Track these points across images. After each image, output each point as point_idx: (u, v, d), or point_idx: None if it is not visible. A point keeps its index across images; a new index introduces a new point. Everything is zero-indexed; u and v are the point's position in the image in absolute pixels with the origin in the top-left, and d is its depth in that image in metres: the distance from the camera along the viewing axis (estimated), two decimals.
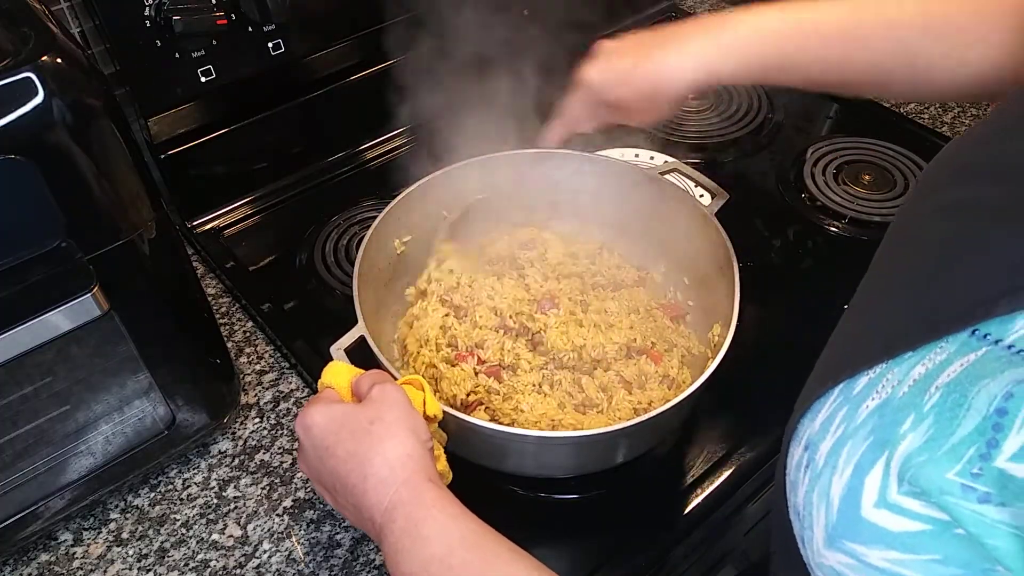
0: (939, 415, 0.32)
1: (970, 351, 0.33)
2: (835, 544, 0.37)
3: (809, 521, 0.39)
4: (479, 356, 0.76)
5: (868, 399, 0.37)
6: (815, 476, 0.38)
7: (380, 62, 1.04)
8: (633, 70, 0.66)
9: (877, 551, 0.34)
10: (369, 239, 0.75)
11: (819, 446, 0.39)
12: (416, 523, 0.50)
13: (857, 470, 0.35)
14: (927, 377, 0.34)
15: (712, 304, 0.77)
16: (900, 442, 0.33)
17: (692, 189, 0.94)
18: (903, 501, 0.33)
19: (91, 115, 0.50)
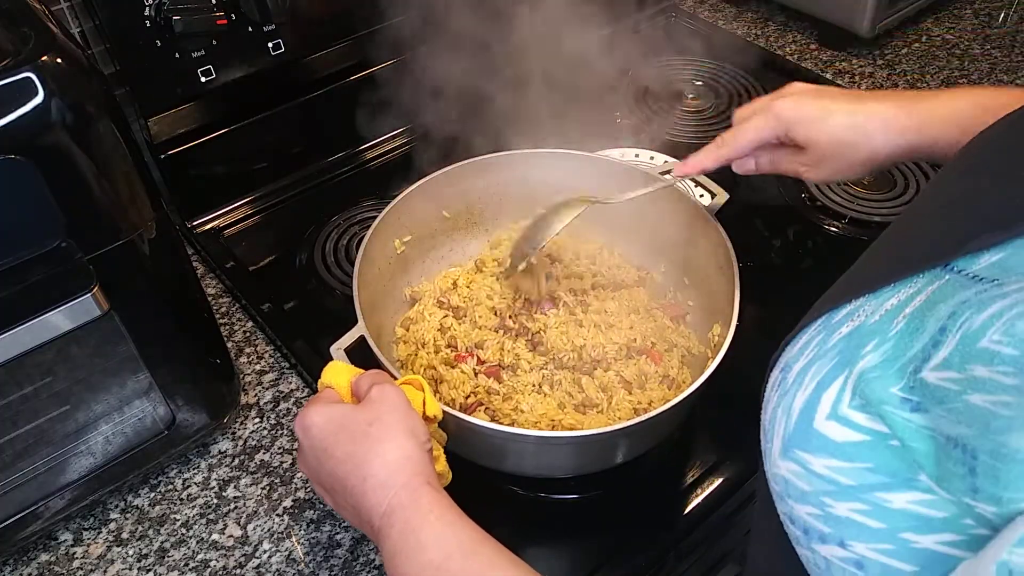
0: (899, 338, 0.35)
1: (936, 281, 0.36)
2: (787, 453, 0.39)
3: (771, 435, 0.42)
4: (478, 356, 0.76)
5: (843, 326, 0.40)
6: (783, 393, 0.41)
7: (380, 62, 1.04)
8: (836, 113, 0.63)
9: (821, 459, 0.37)
10: (369, 239, 0.75)
11: (792, 367, 0.42)
12: (414, 528, 0.50)
13: (818, 386, 0.38)
14: (898, 307, 0.37)
15: (712, 304, 0.77)
16: (860, 360, 0.36)
17: (692, 189, 0.94)
18: (851, 414, 0.36)
19: (91, 115, 0.50)
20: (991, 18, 1.33)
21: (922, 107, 0.63)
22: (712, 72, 1.20)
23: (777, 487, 0.41)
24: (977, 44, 1.28)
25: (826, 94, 0.66)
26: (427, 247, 0.87)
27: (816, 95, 0.66)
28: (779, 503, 0.41)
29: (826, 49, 1.27)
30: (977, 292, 0.33)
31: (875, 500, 0.34)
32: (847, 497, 0.35)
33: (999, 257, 0.35)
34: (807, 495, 0.38)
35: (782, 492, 0.40)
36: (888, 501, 0.34)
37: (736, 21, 1.34)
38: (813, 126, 0.64)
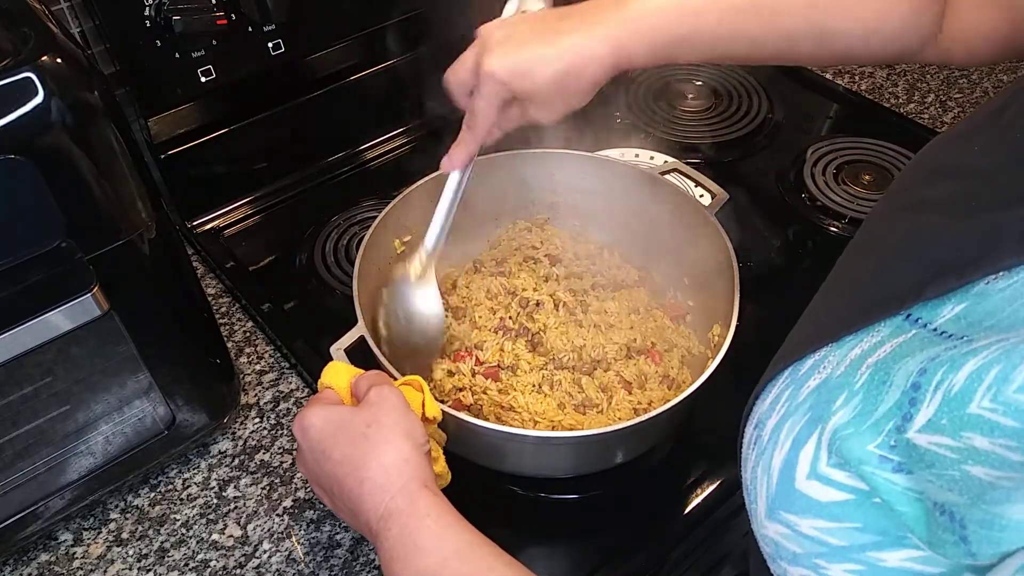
0: (867, 392, 0.34)
1: (901, 333, 0.35)
2: (773, 515, 0.38)
3: (754, 495, 0.41)
4: (477, 357, 0.76)
5: (810, 379, 0.39)
6: (760, 452, 0.40)
7: (380, 62, 1.04)
8: (541, 58, 0.57)
9: (807, 520, 0.36)
10: (369, 239, 0.75)
11: (766, 423, 0.41)
12: (411, 532, 0.50)
13: (795, 444, 0.37)
14: (861, 357, 0.36)
15: (712, 304, 0.77)
16: (832, 416, 0.35)
17: (692, 189, 0.94)
18: (831, 472, 0.35)
19: (91, 115, 0.50)
20: None
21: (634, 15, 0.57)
22: (712, 72, 1.20)
23: (768, 549, 0.40)
24: None
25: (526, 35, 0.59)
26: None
27: (517, 41, 0.58)
28: (772, 565, 0.40)
29: None
30: (947, 348, 0.32)
31: (869, 560, 0.33)
32: (840, 558, 0.35)
33: (962, 308, 0.34)
34: (799, 557, 0.37)
35: (773, 554, 0.39)
36: (882, 560, 0.33)
37: None
38: (527, 79, 0.58)
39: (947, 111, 1.15)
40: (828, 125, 1.14)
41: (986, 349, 0.30)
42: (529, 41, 0.58)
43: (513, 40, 0.58)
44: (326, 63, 0.99)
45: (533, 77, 0.58)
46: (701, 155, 1.06)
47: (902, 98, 1.18)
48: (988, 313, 0.33)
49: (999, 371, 0.29)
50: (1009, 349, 0.29)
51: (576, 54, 0.57)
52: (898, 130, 1.09)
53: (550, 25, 0.59)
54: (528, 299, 0.81)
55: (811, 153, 1.05)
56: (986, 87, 1.19)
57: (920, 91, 1.19)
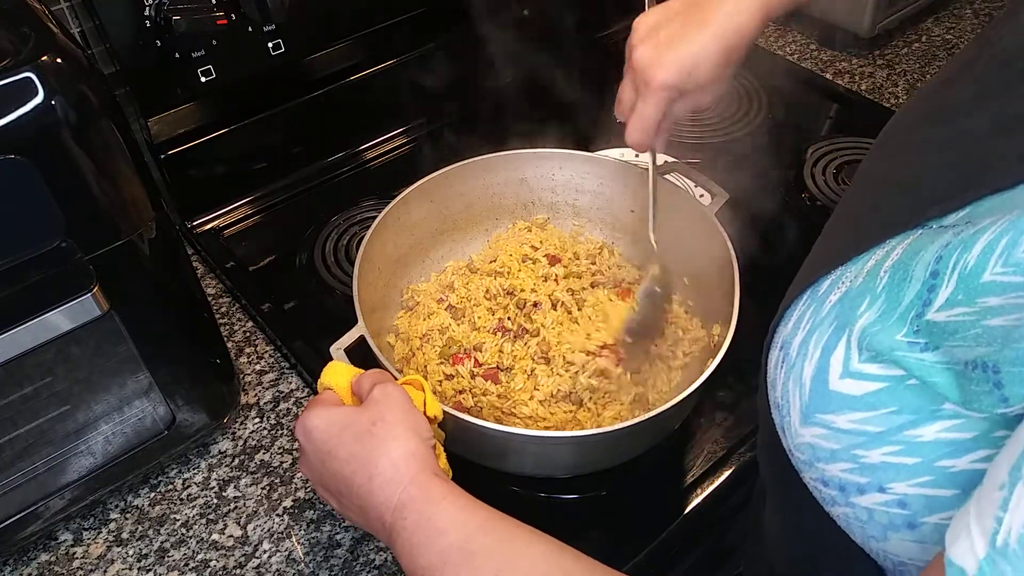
0: (889, 291, 0.37)
1: (909, 236, 0.39)
2: (809, 420, 0.41)
3: (787, 408, 0.43)
4: (476, 359, 0.76)
5: (831, 295, 0.42)
6: (789, 367, 0.43)
7: (380, 62, 1.04)
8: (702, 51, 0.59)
9: (844, 415, 0.39)
10: (369, 239, 0.75)
11: (792, 342, 0.43)
12: (429, 517, 0.50)
13: (824, 351, 0.40)
14: (877, 265, 0.39)
15: (712, 304, 0.77)
16: (858, 320, 0.38)
17: (692, 189, 0.94)
18: (863, 367, 0.38)
19: (91, 115, 0.50)
20: (991, 18, 1.33)
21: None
22: None
23: (802, 455, 0.42)
24: None
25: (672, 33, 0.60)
26: (427, 247, 0.87)
27: (670, 45, 0.60)
28: (807, 471, 0.42)
29: (826, 49, 1.27)
30: (955, 233, 0.35)
31: (906, 439, 0.36)
32: (878, 443, 0.37)
33: (965, 212, 0.37)
34: (837, 453, 0.39)
35: (808, 459, 0.42)
36: (919, 436, 0.35)
37: None
38: (695, 76, 0.60)
39: None
40: (828, 125, 1.14)
41: (993, 225, 0.33)
42: (680, 42, 0.60)
43: (665, 48, 0.60)
44: (326, 63, 1.00)
45: (699, 72, 0.60)
46: (701, 155, 1.06)
47: (902, 98, 1.18)
48: (988, 210, 0.36)
49: (1008, 239, 0.32)
50: (1015, 220, 0.32)
51: (729, 34, 0.59)
52: None
53: (689, 18, 0.60)
54: (527, 300, 0.81)
55: (811, 153, 1.05)
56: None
57: None
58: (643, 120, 0.64)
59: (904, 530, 0.37)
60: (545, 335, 0.77)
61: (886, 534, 0.38)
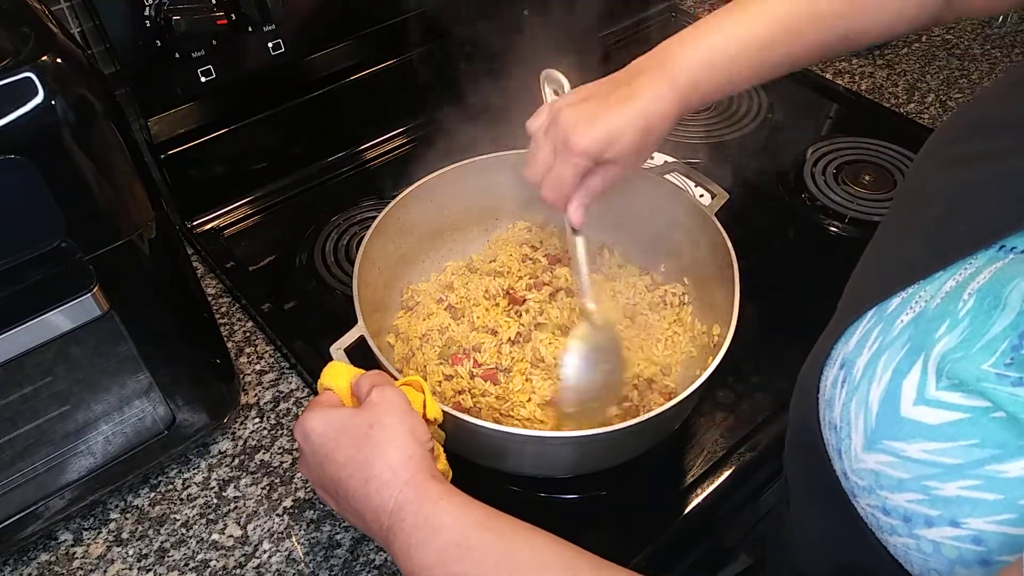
0: (974, 316, 0.36)
1: (997, 260, 0.37)
2: (874, 446, 0.39)
3: (847, 431, 0.41)
4: (475, 359, 0.76)
5: (902, 314, 0.40)
6: (852, 388, 0.41)
7: (380, 62, 1.04)
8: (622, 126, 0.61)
9: (917, 444, 0.37)
10: (369, 239, 0.75)
11: (855, 362, 0.42)
12: (427, 516, 0.50)
13: (895, 375, 0.38)
14: (959, 288, 0.38)
15: (712, 304, 0.77)
16: (936, 344, 0.37)
17: (692, 189, 0.94)
18: (942, 395, 0.36)
19: (91, 115, 0.50)
20: (991, 18, 1.33)
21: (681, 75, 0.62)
22: None
23: (862, 481, 0.41)
24: (977, 44, 1.28)
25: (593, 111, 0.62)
26: (427, 247, 0.87)
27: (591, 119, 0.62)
28: (864, 496, 0.41)
29: None
30: None
31: (987, 473, 0.34)
32: (955, 476, 0.35)
33: None
34: (905, 482, 0.38)
35: (869, 485, 0.40)
36: (1003, 472, 0.34)
37: None
38: (614, 147, 0.62)
39: (947, 111, 1.15)
40: (828, 125, 1.14)
41: None
42: (604, 114, 0.62)
43: (589, 118, 0.62)
44: (326, 63, 1.00)
45: (619, 145, 0.62)
46: (701, 155, 1.06)
47: (902, 98, 1.18)
48: None
49: None
50: None
51: (647, 116, 0.61)
52: (898, 130, 1.09)
53: (613, 97, 0.63)
54: (524, 297, 0.81)
55: (811, 153, 1.05)
56: (986, 87, 1.19)
57: (920, 91, 1.19)
58: (560, 180, 0.65)
59: (975, 567, 0.35)
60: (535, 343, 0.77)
61: (953, 569, 0.36)
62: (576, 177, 0.64)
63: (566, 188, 0.65)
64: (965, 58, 1.25)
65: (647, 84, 0.62)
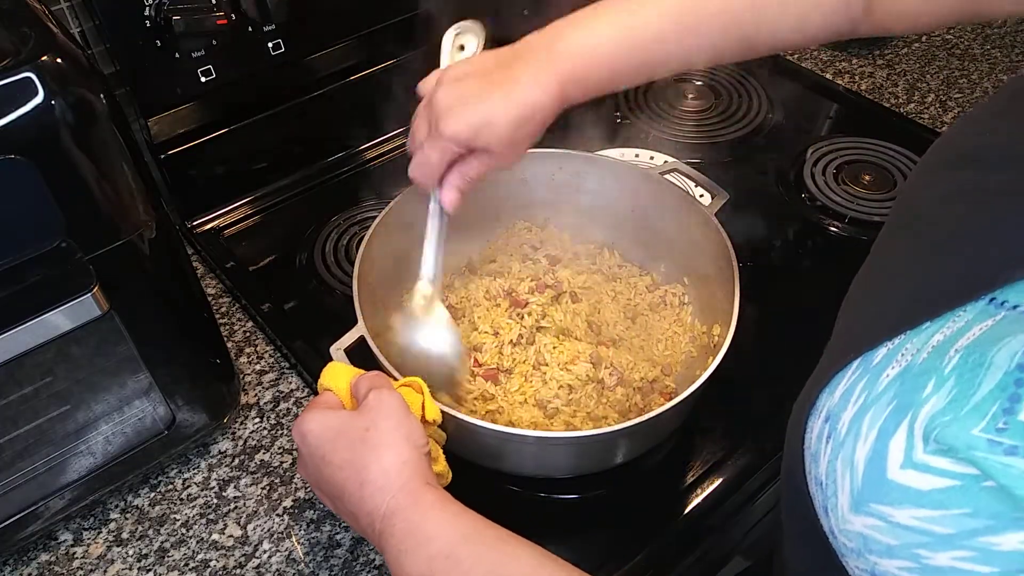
0: (960, 376, 0.33)
1: (988, 317, 0.35)
2: (861, 508, 0.37)
3: (833, 489, 0.40)
4: (476, 359, 0.76)
5: (888, 368, 0.38)
6: (837, 445, 0.39)
7: (380, 62, 1.04)
8: (492, 114, 0.59)
9: (905, 510, 0.35)
10: (369, 239, 0.75)
11: (840, 416, 0.40)
12: (417, 524, 0.50)
13: (881, 434, 0.36)
14: (946, 342, 0.35)
15: (712, 304, 0.77)
16: (923, 404, 0.35)
17: (692, 189, 0.94)
18: (931, 460, 0.34)
19: (91, 115, 0.50)
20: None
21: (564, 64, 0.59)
22: (712, 72, 1.19)
23: (850, 543, 0.39)
24: (977, 44, 1.28)
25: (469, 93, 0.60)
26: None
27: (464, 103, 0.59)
28: (855, 559, 0.39)
29: (826, 49, 1.27)
30: None
31: (980, 545, 0.32)
32: (946, 546, 0.34)
33: None
34: (895, 549, 0.36)
35: (859, 548, 0.38)
36: (996, 544, 0.32)
37: None
38: (483, 136, 0.59)
39: (947, 111, 1.15)
40: (828, 125, 1.14)
41: None
42: (477, 98, 0.59)
43: (462, 100, 0.60)
44: (326, 63, 0.99)
45: (488, 132, 0.59)
46: (701, 155, 1.06)
47: (902, 98, 1.18)
48: None
49: None
50: None
51: (523, 104, 0.59)
52: (898, 130, 1.09)
53: (492, 78, 0.60)
54: (527, 300, 0.81)
55: (811, 153, 1.05)
56: (986, 87, 1.19)
57: (920, 91, 1.19)
58: (427, 161, 0.62)
59: None
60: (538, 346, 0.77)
61: None
62: (443, 162, 0.62)
63: (432, 170, 0.63)
64: (965, 58, 1.25)
65: (527, 71, 0.59)
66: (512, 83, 0.59)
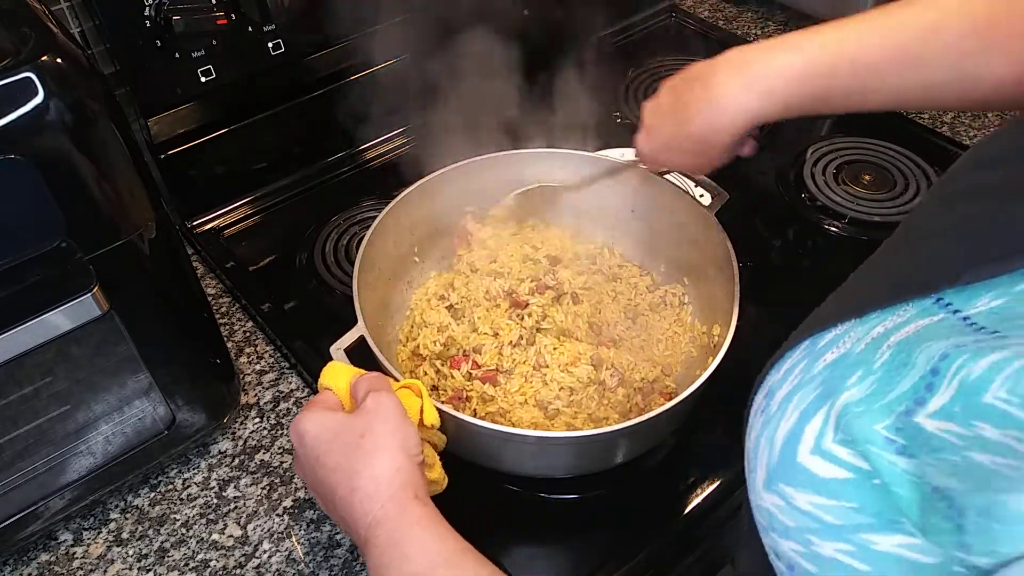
0: (886, 372, 0.34)
1: (928, 316, 0.35)
2: (771, 486, 0.38)
3: (755, 464, 0.40)
4: (475, 360, 0.76)
5: (827, 352, 0.39)
6: (766, 421, 0.40)
7: (380, 62, 1.04)
8: (677, 135, 0.64)
9: (805, 495, 0.36)
10: (369, 239, 0.75)
11: (775, 393, 0.41)
12: (399, 540, 0.50)
13: (802, 417, 0.37)
14: (884, 336, 0.36)
15: (712, 304, 0.77)
16: (844, 393, 0.35)
17: (692, 189, 0.94)
18: (835, 449, 0.35)
19: (91, 115, 0.50)
20: None
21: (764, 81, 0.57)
22: None
23: (762, 520, 0.40)
24: None
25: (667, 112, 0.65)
26: (427, 247, 0.87)
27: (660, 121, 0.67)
28: (764, 536, 0.40)
29: None
30: (976, 340, 0.32)
31: (861, 541, 0.33)
32: (832, 536, 0.34)
33: (999, 304, 0.33)
34: (791, 531, 0.37)
35: (767, 526, 0.39)
36: (874, 543, 0.32)
37: (736, 21, 1.35)
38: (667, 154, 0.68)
39: (947, 111, 1.15)
40: (828, 125, 1.14)
41: (1018, 346, 0.30)
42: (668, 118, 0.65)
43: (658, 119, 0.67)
44: (326, 63, 1.00)
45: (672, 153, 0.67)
46: None
47: None
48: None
49: (1021, 365, 0.29)
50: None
51: (710, 128, 0.61)
52: (898, 130, 1.09)
53: (689, 96, 0.62)
54: (527, 301, 0.81)
55: (811, 153, 1.05)
56: None
57: None
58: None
59: None
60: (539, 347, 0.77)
61: None
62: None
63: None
64: None
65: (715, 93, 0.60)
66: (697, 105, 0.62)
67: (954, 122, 1.13)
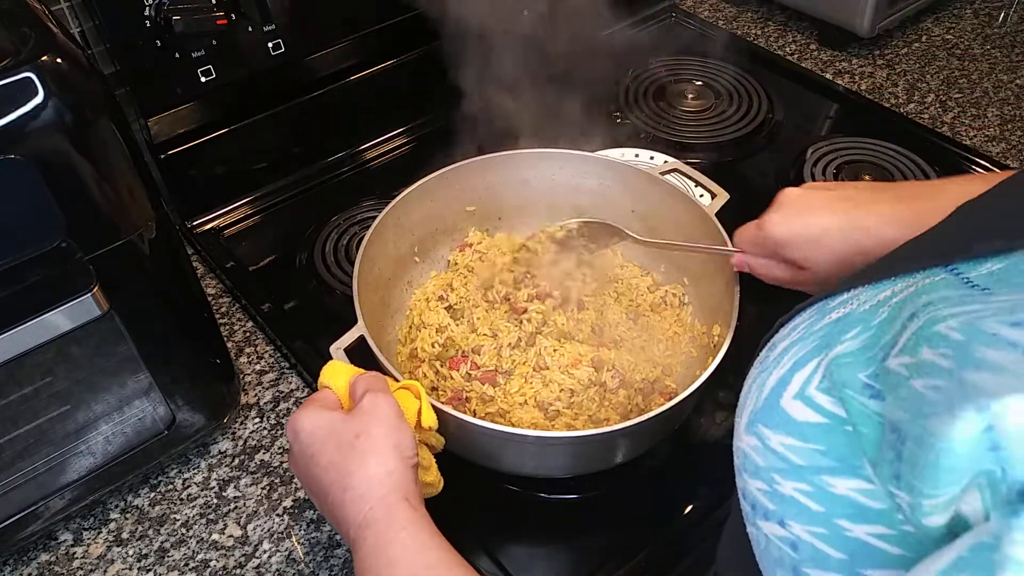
0: (880, 328, 0.35)
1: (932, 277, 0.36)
2: (751, 427, 0.39)
3: (741, 408, 0.41)
4: (474, 361, 0.76)
5: (835, 312, 0.40)
6: (762, 370, 0.41)
7: (380, 62, 1.04)
8: (831, 230, 0.57)
9: (778, 436, 0.37)
10: (369, 239, 0.75)
11: (777, 345, 0.41)
12: (384, 544, 0.50)
13: (795, 365, 0.38)
14: (889, 297, 0.37)
15: (712, 304, 0.77)
16: (838, 346, 0.36)
17: (692, 189, 0.94)
18: (816, 395, 0.36)
19: (91, 115, 0.50)
20: (991, 18, 1.34)
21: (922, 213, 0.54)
22: (712, 72, 1.20)
23: (737, 460, 0.41)
24: (977, 44, 1.28)
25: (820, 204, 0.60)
26: (427, 247, 0.87)
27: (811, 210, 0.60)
28: (737, 477, 0.41)
29: (826, 49, 1.27)
30: (963, 294, 0.33)
31: (819, 483, 0.34)
32: (795, 476, 0.35)
33: (1000, 267, 0.34)
34: (760, 470, 0.38)
35: (741, 466, 0.40)
36: (831, 485, 0.34)
37: (736, 21, 1.35)
38: (810, 248, 0.59)
39: (947, 111, 1.15)
40: (828, 125, 1.14)
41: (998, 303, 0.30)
42: (822, 211, 0.57)
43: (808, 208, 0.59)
44: (326, 63, 1.00)
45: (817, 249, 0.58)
46: (701, 155, 1.06)
47: (902, 98, 1.18)
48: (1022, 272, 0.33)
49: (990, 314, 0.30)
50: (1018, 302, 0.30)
51: (866, 234, 0.56)
52: (898, 130, 1.09)
53: (850, 197, 0.58)
54: (525, 307, 0.81)
55: (811, 153, 1.05)
56: (986, 87, 1.19)
57: (920, 91, 1.19)
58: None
59: (789, 573, 0.35)
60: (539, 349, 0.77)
61: (775, 571, 0.36)
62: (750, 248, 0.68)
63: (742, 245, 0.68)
64: (965, 58, 1.25)
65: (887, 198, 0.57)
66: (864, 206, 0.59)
67: (954, 122, 1.13)
